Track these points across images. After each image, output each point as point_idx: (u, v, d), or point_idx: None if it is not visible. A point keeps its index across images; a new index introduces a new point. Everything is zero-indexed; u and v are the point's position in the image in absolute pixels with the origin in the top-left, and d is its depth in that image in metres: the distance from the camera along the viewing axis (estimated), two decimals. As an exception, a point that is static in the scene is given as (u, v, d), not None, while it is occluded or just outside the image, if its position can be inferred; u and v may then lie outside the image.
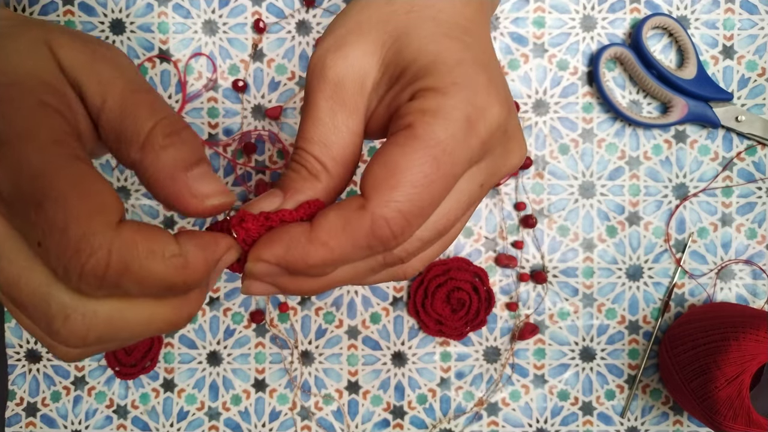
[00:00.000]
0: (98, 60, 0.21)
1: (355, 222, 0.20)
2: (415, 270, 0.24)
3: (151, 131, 0.21)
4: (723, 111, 0.44)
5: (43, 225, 0.18)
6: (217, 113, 0.45)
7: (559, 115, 0.45)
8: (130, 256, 0.18)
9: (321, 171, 0.22)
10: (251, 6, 0.45)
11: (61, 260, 0.18)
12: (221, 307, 0.45)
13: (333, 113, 0.22)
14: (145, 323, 0.20)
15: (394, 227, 0.20)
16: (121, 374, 0.44)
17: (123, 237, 0.18)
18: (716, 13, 0.45)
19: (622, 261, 0.45)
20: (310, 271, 0.21)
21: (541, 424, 0.45)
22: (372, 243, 0.20)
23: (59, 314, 0.19)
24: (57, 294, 0.19)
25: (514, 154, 0.23)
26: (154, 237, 0.19)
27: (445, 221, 0.22)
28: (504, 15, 0.45)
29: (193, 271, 0.20)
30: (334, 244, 0.20)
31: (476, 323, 0.44)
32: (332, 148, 0.22)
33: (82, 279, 0.18)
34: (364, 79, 0.22)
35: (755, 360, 0.37)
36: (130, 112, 0.21)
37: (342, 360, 0.45)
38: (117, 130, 0.21)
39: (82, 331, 0.19)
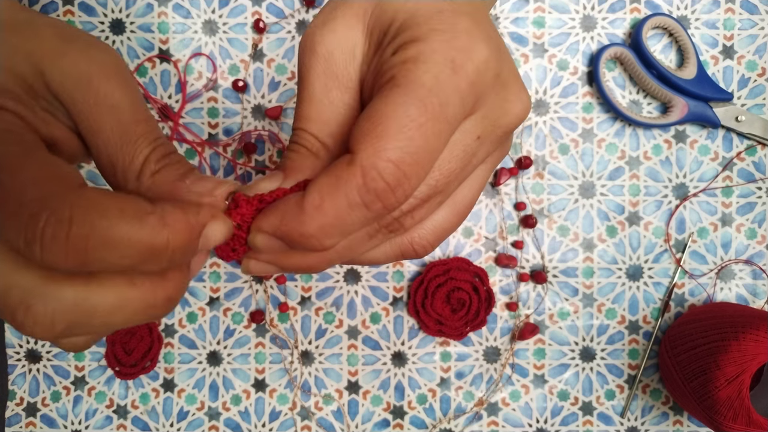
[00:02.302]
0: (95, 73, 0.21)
1: (345, 178, 0.19)
2: (426, 242, 0.23)
3: (146, 161, 0.21)
4: (723, 111, 0.44)
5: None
6: (217, 113, 0.45)
7: (559, 115, 0.45)
8: (96, 216, 0.17)
9: (320, 149, 0.22)
10: (251, 6, 0.45)
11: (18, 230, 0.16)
12: (221, 307, 0.45)
13: (327, 89, 0.22)
14: (116, 308, 0.19)
15: (388, 178, 0.19)
16: (121, 374, 0.44)
17: (86, 196, 0.17)
18: (716, 13, 0.45)
19: (622, 261, 0.45)
20: (308, 242, 0.20)
21: (541, 424, 0.45)
22: (367, 199, 0.19)
23: (20, 305, 0.17)
24: (18, 281, 0.17)
25: (513, 103, 0.22)
26: (123, 197, 0.18)
27: (439, 176, 0.21)
28: (504, 15, 0.45)
29: (174, 231, 0.18)
30: (327, 205, 0.19)
31: (476, 323, 0.44)
32: (330, 125, 0.22)
33: (44, 249, 0.16)
34: (353, 50, 0.22)
35: (755, 360, 0.37)
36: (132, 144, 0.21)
37: (342, 360, 0.45)
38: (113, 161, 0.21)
39: (46, 322, 0.18)
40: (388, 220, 0.21)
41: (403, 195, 0.19)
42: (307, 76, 0.22)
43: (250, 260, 0.22)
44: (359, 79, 0.22)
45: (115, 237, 0.17)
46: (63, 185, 0.17)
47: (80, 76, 0.21)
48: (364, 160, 0.19)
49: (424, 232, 0.23)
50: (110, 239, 0.17)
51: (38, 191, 0.16)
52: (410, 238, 0.23)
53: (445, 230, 0.23)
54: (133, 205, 0.17)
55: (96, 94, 0.21)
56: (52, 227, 0.16)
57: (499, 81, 0.21)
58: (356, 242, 0.22)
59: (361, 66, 0.22)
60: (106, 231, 0.17)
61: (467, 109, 0.20)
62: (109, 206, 0.17)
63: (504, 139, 0.23)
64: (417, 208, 0.21)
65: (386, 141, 0.19)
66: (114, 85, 0.21)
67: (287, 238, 0.20)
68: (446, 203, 0.23)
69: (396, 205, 0.19)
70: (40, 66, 0.20)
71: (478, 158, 0.22)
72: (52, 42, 0.21)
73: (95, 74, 0.21)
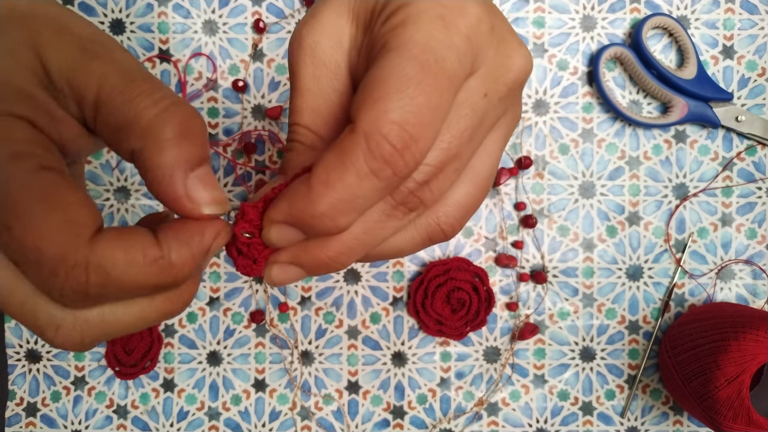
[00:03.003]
0: (90, 56, 0.20)
1: (349, 148, 0.18)
2: (452, 219, 0.22)
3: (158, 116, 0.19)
4: (723, 111, 0.44)
5: (14, 247, 0.17)
6: (217, 113, 0.45)
7: (559, 115, 0.45)
8: (109, 268, 0.18)
9: (315, 140, 0.21)
10: (251, 6, 0.45)
11: (39, 280, 0.18)
12: (221, 307, 0.45)
13: (317, 79, 0.22)
14: (138, 319, 0.20)
15: (393, 140, 0.18)
16: (121, 374, 0.44)
17: (98, 251, 0.18)
18: (716, 13, 0.45)
19: (622, 261, 0.45)
20: (321, 222, 0.19)
21: (541, 424, 0.45)
22: (375, 166, 0.18)
23: (50, 326, 0.19)
24: (44, 306, 0.18)
25: (513, 58, 0.21)
26: (132, 243, 0.19)
27: (451, 138, 0.20)
28: (504, 15, 0.45)
29: (180, 269, 0.19)
30: (334, 179, 0.18)
31: (476, 323, 0.44)
32: (322, 114, 0.21)
33: (64, 297, 0.18)
34: (340, 37, 0.21)
35: (755, 360, 0.37)
36: (129, 99, 0.20)
37: (342, 360, 0.45)
38: (117, 121, 0.20)
39: (76, 339, 0.19)
40: (404, 194, 0.20)
41: (412, 159, 0.18)
42: (296, 69, 0.22)
43: (271, 267, 0.21)
44: (348, 65, 0.22)
45: (127, 284, 0.18)
46: (77, 239, 0.18)
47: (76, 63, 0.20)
48: (365, 126, 0.18)
49: (448, 209, 0.22)
50: (123, 287, 0.18)
51: (52, 249, 0.17)
52: (435, 218, 0.22)
53: (470, 205, 0.22)
54: (141, 253, 0.19)
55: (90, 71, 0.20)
56: (70, 283, 0.17)
57: (496, 36, 0.21)
58: (374, 223, 0.21)
59: (349, 52, 0.22)
60: (119, 281, 0.18)
61: (466, 65, 0.20)
62: (119, 258, 0.18)
63: (512, 99, 0.22)
64: (433, 178, 0.20)
65: (386, 103, 0.18)
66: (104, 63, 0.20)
67: (300, 222, 0.19)
68: (465, 175, 0.22)
69: (407, 171, 0.18)
70: (42, 58, 0.20)
71: (489, 119, 0.21)
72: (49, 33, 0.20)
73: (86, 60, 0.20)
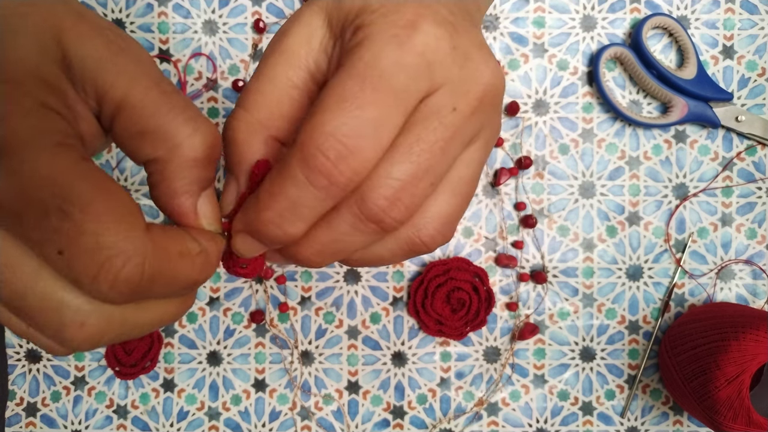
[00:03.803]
0: (116, 52, 0.20)
1: (288, 158, 0.19)
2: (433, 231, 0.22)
3: (191, 136, 0.20)
4: (723, 111, 0.44)
5: (68, 232, 0.17)
6: (217, 113, 0.45)
7: (559, 115, 0.45)
8: (164, 260, 0.18)
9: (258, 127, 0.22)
10: (251, 6, 0.45)
11: (89, 269, 0.17)
12: (221, 307, 0.45)
13: (273, 66, 0.22)
14: (155, 322, 0.20)
15: (327, 151, 0.18)
16: (121, 374, 0.44)
17: (156, 240, 0.18)
18: (716, 13, 0.45)
19: (622, 261, 0.45)
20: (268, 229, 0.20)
21: (541, 424, 0.45)
22: (310, 176, 0.19)
23: (74, 322, 0.18)
24: (71, 301, 0.18)
25: (480, 71, 0.21)
26: (180, 238, 0.19)
27: (420, 151, 0.20)
28: (504, 15, 0.45)
29: (212, 267, 0.20)
30: (276, 189, 0.19)
31: (476, 323, 0.44)
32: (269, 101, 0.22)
33: (114, 288, 0.17)
34: (309, 34, 0.22)
35: (755, 360, 0.37)
36: (162, 111, 0.20)
37: (342, 360, 0.45)
38: (141, 128, 0.20)
39: (96, 337, 0.19)
40: (374, 210, 0.20)
41: (349, 168, 0.19)
42: (264, 54, 0.23)
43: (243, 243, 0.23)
44: (310, 64, 0.22)
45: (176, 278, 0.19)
46: (137, 227, 0.18)
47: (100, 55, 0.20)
48: (302, 137, 0.19)
49: (428, 222, 0.22)
50: (171, 280, 0.19)
51: (116, 235, 0.17)
52: (415, 231, 0.22)
53: (450, 215, 0.23)
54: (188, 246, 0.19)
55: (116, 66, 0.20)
56: (126, 272, 0.17)
57: (460, 53, 0.21)
58: (342, 235, 0.21)
59: (316, 53, 0.22)
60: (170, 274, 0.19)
61: (421, 81, 0.20)
62: (172, 250, 0.19)
63: (488, 112, 0.22)
64: (404, 193, 0.20)
65: (323, 115, 0.19)
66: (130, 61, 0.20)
67: (253, 231, 0.21)
68: (443, 187, 0.22)
69: (344, 180, 0.19)
70: (64, 48, 0.19)
71: (463, 132, 0.21)
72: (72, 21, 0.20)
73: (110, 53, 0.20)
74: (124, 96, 0.20)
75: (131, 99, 0.20)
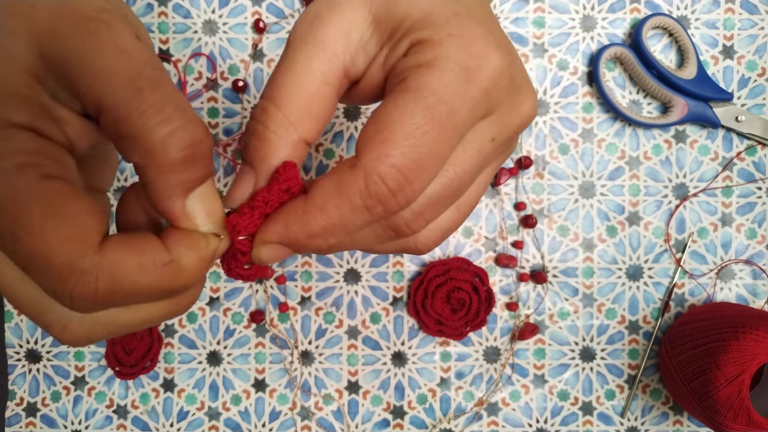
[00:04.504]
0: (94, 48, 0.18)
1: (348, 181, 0.19)
2: (430, 241, 0.23)
3: (164, 140, 0.19)
4: (723, 111, 0.44)
5: (22, 254, 0.17)
6: (217, 113, 0.45)
7: (559, 115, 0.45)
8: (119, 274, 0.18)
9: (287, 128, 0.21)
10: (251, 6, 0.45)
11: (47, 287, 0.18)
12: (221, 307, 0.45)
13: (309, 58, 0.21)
14: (144, 320, 0.20)
15: (390, 183, 0.19)
16: (121, 374, 0.44)
17: (108, 258, 0.18)
18: (716, 13, 0.45)
19: (622, 261, 0.45)
20: (313, 243, 0.20)
21: (541, 424, 0.45)
22: (369, 203, 0.19)
23: (57, 324, 0.19)
24: (52, 306, 0.19)
25: (524, 104, 0.22)
26: (141, 248, 0.19)
27: (453, 175, 0.21)
28: (504, 15, 0.45)
29: (190, 274, 0.20)
30: (330, 207, 0.19)
31: (476, 323, 0.44)
32: (301, 99, 0.21)
33: (73, 302, 0.18)
34: (349, 29, 0.21)
35: (755, 360, 0.37)
36: (134, 112, 0.18)
37: (342, 360, 0.45)
38: (117, 129, 0.19)
39: (82, 337, 0.19)
40: (399, 224, 0.21)
41: (405, 199, 0.19)
42: (293, 44, 0.22)
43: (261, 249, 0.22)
44: (347, 58, 0.22)
45: (137, 290, 0.18)
46: (85, 247, 0.18)
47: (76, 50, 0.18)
48: (367, 164, 0.19)
49: (428, 232, 0.23)
50: (133, 293, 0.18)
51: (62, 257, 0.17)
52: (413, 238, 0.23)
53: (449, 229, 0.23)
54: (151, 258, 0.19)
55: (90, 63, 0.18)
56: (80, 288, 0.17)
57: (514, 85, 0.21)
58: (364, 240, 0.22)
59: (355, 49, 0.22)
60: (129, 287, 0.18)
61: (478, 114, 0.20)
62: (129, 264, 0.18)
63: (513, 140, 0.23)
64: (428, 209, 0.21)
65: (390, 146, 0.19)
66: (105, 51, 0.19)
67: (294, 243, 0.20)
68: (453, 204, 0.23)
69: (397, 209, 0.20)
70: (40, 49, 0.19)
71: (492, 158, 0.22)
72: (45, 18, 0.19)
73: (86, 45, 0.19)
74: (99, 99, 0.19)
75: (105, 103, 0.18)
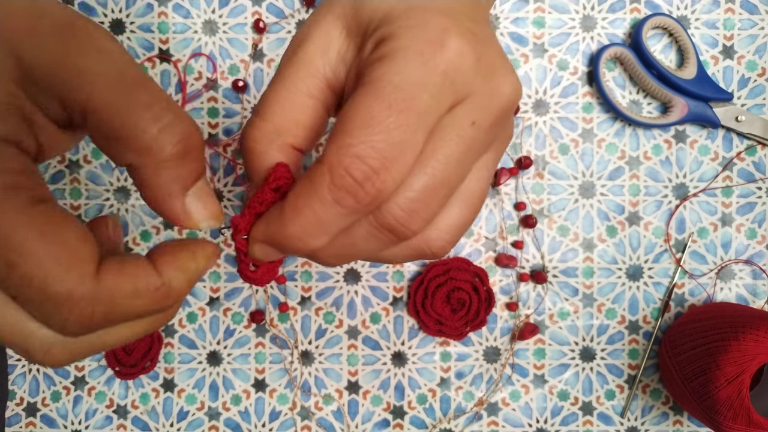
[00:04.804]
0: (76, 50, 0.18)
1: (316, 178, 0.19)
2: (443, 242, 0.23)
3: (157, 137, 0.19)
4: (723, 111, 0.44)
5: (15, 281, 0.17)
6: (217, 113, 0.45)
7: (559, 115, 0.45)
8: (114, 301, 0.18)
9: (275, 138, 0.22)
10: (251, 6, 0.45)
11: (40, 314, 0.18)
12: (221, 307, 0.45)
13: (293, 75, 0.22)
14: (126, 338, 0.21)
15: (355, 174, 0.19)
16: (121, 374, 0.44)
17: (105, 285, 0.18)
18: (716, 13, 0.45)
19: (622, 261, 0.45)
20: (292, 243, 0.20)
21: (541, 424, 0.45)
22: (337, 196, 0.19)
23: (40, 350, 0.19)
24: (36, 331, 0.19)
25: (501, 85, 0.21)
26: (135, 273, 0.19)
27: (437, 164, 0.21)
28: (504, 15, 0.45)
29: (178, 294, 0.20)
30: (302, 205, 0.20)
31: (476, 323, 0.44)
32: (287, 113, 0.22)
33: (65, 328, 0.18)
34: (326, 44, 0.22)
35: (755, 360, 0.37)
36: (124, 110, 0.18)
37: (342, 360, 0.45)
38: (107, 130, 0.19)
39: (64, 360, 0.20)
40: (391, 221, 0.21)
41: (375, 189, 0.19)
42: (280, 63, 0.23)
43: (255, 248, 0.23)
44: (329, 75, 0.22)
45: (129, 313, 0.19)
46: (83, 275, 0.18)
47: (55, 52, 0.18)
48: (330, 157, 0.19)
49: (440, 233, 0.23)
50: (125, 316, 0.19)
51: (61, 286, 0.17)
52: (425, 240, 0.23)
53: (460, 227, 0.23)
54: (144, 282, 0.19)
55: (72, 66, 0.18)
56: (75, 315, 0.18)
57: (483, 65, 0.21)
58: (359, 241, 0.22)
59: (334, 63, 0.22)
60: (122, 312, 0.19)
61: (443, 100, 0.20)
62: (124, 289, 0.19)
63: (501, 123, 0.22)
64: (421, 205, 0.21)
65: (351, 138, 0.19)
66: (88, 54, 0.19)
67: (275, 243, 0.21)
68: (456, 198, 0.23)
69: (370, 199, 0.19)
70: (18, 53, 0.18)
71: (479, 145, 0.22)
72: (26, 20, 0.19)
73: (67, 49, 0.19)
74: (86, 100, 0.18)
75: (92, 103, 0.18)
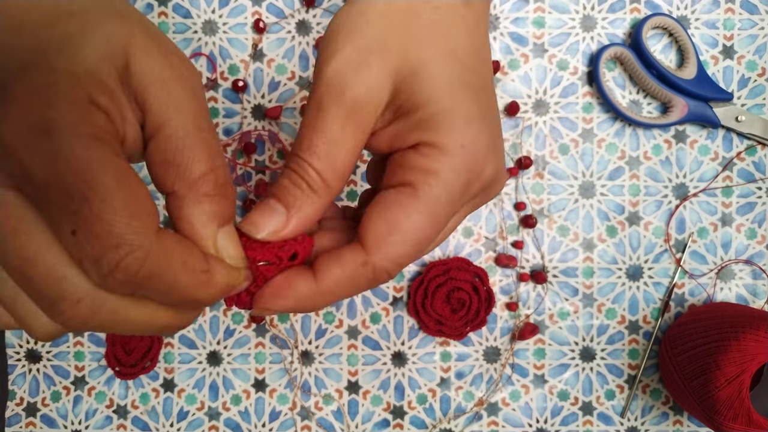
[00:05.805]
0: (173, 79, 0.21)
1: (360, 276, 0.23)
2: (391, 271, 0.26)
3: (204, 176, 0.21)
4: (723, 111, 0.44)
5: (85, 216, 0.18)
6: (217, 113, 0.45)
7: (559, 115, 0.45)
8: (165, 262, 0.19)
9: (321, 186, 0.23)
10: (251, 6, 0.45)
11: (95, 252, 0.18)
12: (221, 307, 0.45)
13: (343, 131, 0.23)
14: (143, 324, 0.21)
15: (392, 273, 0.23)
16: (121, 374, 0.44)
17: (162, 245, 0.19)
18: (716, 13, 0.45)
19: (622, 261, 0.45)
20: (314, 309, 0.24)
21: (541, 424, 0.45)
22: (372, 286, 0.24)
23: (71, 297, 0.19)
24: (72, 277, 0.19)
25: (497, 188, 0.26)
26: (190, 251, 0.20)
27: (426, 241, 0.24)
28: (504, 15, 0.45)
29: (214, 290, 0.21)
30: (339, 292, 0.23)
31: (476, 323, 0.44)
32: (335, 163, 0.23)
33: (112, 274, 0.18)
34: (379, 103, 0.23)
35: (755, 360, 0.37)
36: (190, 148, 0.21)
37: (342, 360, 0.45)
38: (169, 158, 0.21)
39: (86, 317, 0.20)
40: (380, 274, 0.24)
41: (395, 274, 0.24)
42: (326, 112, 0.23)
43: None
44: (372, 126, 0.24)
45: (171, 284, 0.20)
46: (148, 226, 0.19)
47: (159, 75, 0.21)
48: (377, 263, 0.23)
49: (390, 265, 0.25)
50: (166, 285, 0.20)
51: (126, 228, 0.18)
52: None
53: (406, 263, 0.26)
54: (194, 260, 0.20)
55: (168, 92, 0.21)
56: (127, 262, 0.18)
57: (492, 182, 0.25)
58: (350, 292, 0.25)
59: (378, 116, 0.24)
60: (166, 278, 0.19)
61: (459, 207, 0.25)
62: (177, 257, 0.20)
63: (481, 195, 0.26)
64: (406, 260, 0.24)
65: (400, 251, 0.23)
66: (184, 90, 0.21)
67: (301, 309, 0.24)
68: None
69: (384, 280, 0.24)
70: (129, 59, 0.21)
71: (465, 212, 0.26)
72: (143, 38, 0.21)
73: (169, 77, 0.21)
74: (164, 123, 0.21)
75: (168, 129, 0.21)
